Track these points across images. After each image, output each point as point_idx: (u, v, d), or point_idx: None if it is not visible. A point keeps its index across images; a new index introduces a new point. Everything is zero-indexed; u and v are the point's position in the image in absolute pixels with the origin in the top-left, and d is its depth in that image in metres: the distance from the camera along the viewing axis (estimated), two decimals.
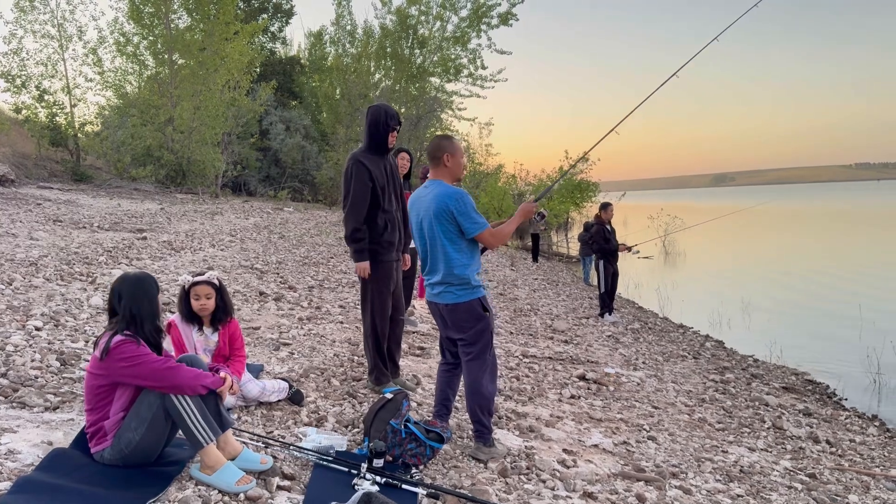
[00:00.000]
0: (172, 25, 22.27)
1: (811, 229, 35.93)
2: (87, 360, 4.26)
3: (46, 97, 20.34)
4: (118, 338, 2.91)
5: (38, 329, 4.80)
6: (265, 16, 29.91)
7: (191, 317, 3.91)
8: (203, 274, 3.90)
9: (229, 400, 3.86)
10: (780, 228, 37.69)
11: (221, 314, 3.98)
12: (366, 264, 4.57)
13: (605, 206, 10.65)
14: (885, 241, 27.01)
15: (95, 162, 22.37)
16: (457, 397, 4.95)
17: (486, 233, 3.77)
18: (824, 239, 29.08)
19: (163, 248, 9.81)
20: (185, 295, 3.90)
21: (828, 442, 5.77)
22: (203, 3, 22.04)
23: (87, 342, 4.72)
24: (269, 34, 31.56)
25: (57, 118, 20.52)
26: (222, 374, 3.13)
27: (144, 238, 10.49)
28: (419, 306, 8.50)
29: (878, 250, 23.30)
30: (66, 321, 5.14)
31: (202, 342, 3.94)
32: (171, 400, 2.82)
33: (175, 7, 22.31)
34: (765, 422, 6.15)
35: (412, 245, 5.24)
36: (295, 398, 4.14)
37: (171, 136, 21.15)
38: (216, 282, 3.94)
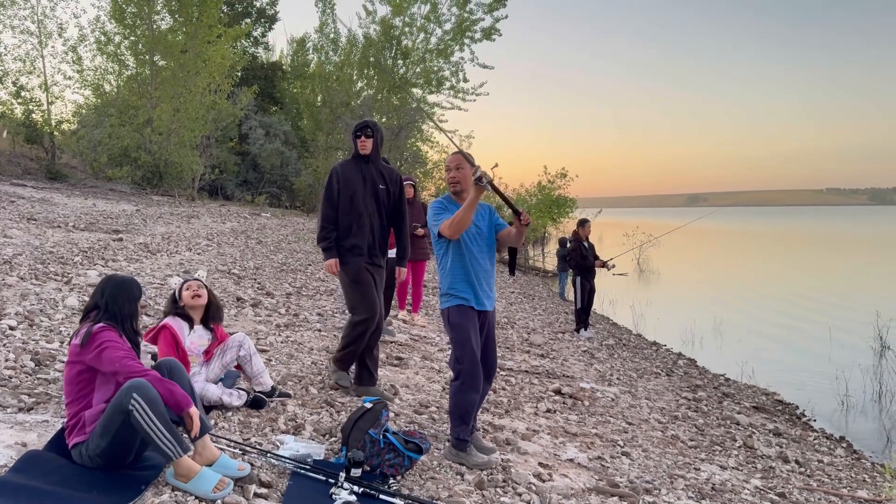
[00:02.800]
0: (155, 26, 22.12)
1: (782, 251, 36.48)
2: (63, 361, 4.21)
3: (23, 93, 20.09)
4: (100, 325, 2.94)
5: (11, 329, 4.73)
6: (248, 20, 29.83)
7: (183, 316, 4.01)
8: (189, 273, 4.06)
9: (214, 391, 3.88)
10: (752, 250, 38.24)
11: (214, 311, 4.14)
12: (332, 261, 4.79)
13: (583, 223, 10.73)
14: (855, 265, 27.51)
15: (71, 161, 22.10)
16: (435, 406, 4.96)
17: (442, 226, 3.88)
18: (796, 261, 29.55)
19: (139, 250, 9.71)
20: (178, 297, 4.04)
21: (797, 462, 5.86)
22: (186, 5, 21.93)
23: (62, 343, 4.66)
24: (251, 39, 31.47)
25: (33, 115, 20.27)
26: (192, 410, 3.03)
27: (120, 239, 10.38)
28: (400, 315, 8.50)
29: (849, 274, 23.73)
30: (41, 321, 5.07)
31: (196, 342, 3.98)
32: (134, 417, 2.75)
33: (158, 8, 22.18)
34: (736, 440, 6.23)
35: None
36: (256, 404, 4.07)
37: (149, 138, 20.96)
38: (203, 279, 4.14)
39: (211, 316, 4.15)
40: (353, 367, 4.94)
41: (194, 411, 2.97)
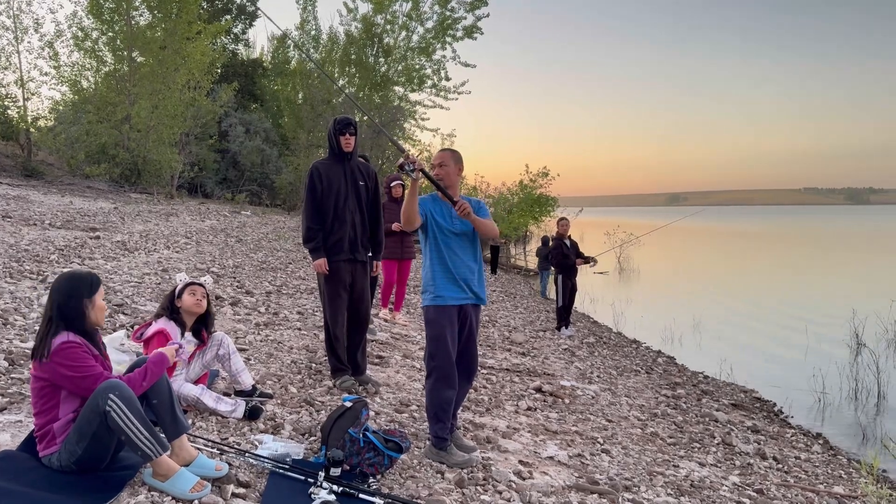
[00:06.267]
0: (133, 22, 21.89)
1: (761, 250, 36.85)
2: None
3: None
4: (62, 338, 2.83)
5: None
6: (228, 17, 29.60)
7: (177, 320, 3.90)
8: (198, 279, 4.06)
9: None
10: (731, 249, 38.58)
11: (209, 321, 4.09)
12: (321, 261, 4.89)
13: (559, 221, 10.89)
14: (832, 263, 27.85)
15: (47, 157, 21.81)
16: (416, 405, 4.94)
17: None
18: (773, 260, 29.85)
19: (116, 248, 9.60)
20: (176, 296, 3.95)
21: (774, 458, 5.91)
22: (165, 1, 21.72)
23: None
24: (231, 35, 31.23)
25: (9, 111, 19.98)
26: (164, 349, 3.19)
27: (97, 237, 10.26)
28: (381, 314, 8.47)
29: (825, 272, 24.01)
30: (15, 320, 5.00)
31: (185, 347, 3.91)
32: (112, 418, 2.70)
33: (136, 3, 21.94)
34: (714, 437, 6.27)
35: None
36: (252, 414, 3.96)
37: (127, 135, 20.74)
38: (207, 286, 4.10)
39: (204, 324, 4.08)
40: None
41: (168, 350, 3.18)
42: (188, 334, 3.98)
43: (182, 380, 3.88)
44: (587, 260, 10.62)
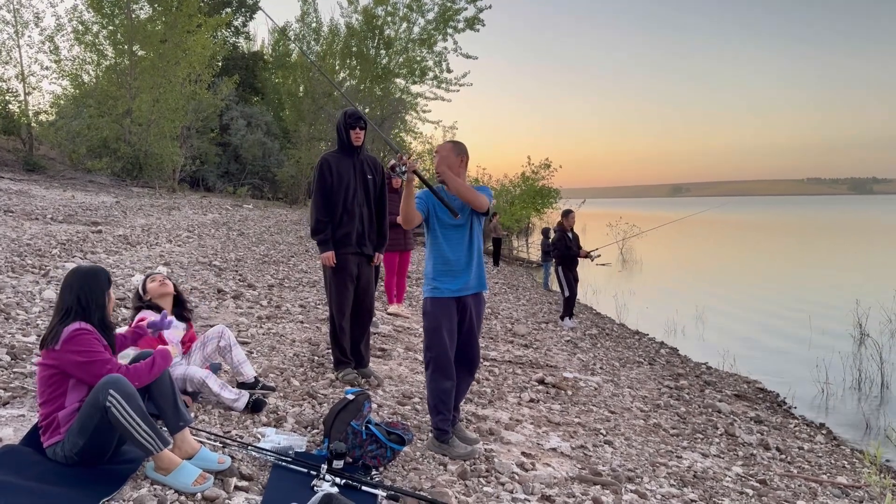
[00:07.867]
0: (134, 16, 21.83)
1: (764, 241, 36.79)
2: (39, 355, 4.14)
3: None
4: (74, 326, 2.85)
5: None
6: (229, 10, 29.50)
7: (154, 308, 3.95)
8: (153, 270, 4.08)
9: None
10: (733, 239, 38.53)
11: (184, 303, 4.16)
12: (329, 254, 4.88)
13: (567, 214, 10.79)
14: (835, 254, 27.79)
15: (49, 152, 21.80)
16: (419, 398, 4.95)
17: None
18: (777, 251, 29.81)
19: (118, 242, 9.60)
20: (142, 292, 4.03)
21: (778, 449, 5.91)
22: None
23: (39, 336, 4.59)
24: (232, 28, 31.14)
25: (10, 106, 19.96)
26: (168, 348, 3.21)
27: (99, 231, 10.26)
28: (391, 309, 8.45)
29: (829, 263, 23.96)
30: (18, 314, 5.00)
31: (172, 332, 3.92)
32: (112, 413, 2.70)
33: None
34: (717, 428, 6.27)
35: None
36: (256, 406, 3.96)
37: (128, 128, 20.72)
38: (164, 274, 4.19)
39: (181, 307, 4.16)
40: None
41: (172, 348, 3.22)
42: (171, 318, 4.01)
43: (183, 367, 3.89)
44: (588, 254, 10.60)
